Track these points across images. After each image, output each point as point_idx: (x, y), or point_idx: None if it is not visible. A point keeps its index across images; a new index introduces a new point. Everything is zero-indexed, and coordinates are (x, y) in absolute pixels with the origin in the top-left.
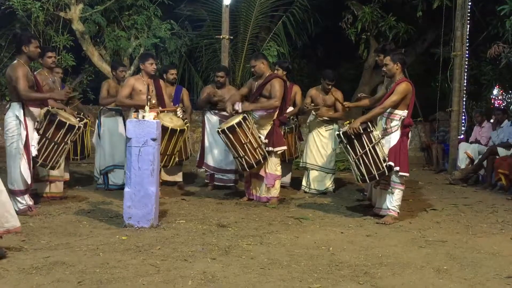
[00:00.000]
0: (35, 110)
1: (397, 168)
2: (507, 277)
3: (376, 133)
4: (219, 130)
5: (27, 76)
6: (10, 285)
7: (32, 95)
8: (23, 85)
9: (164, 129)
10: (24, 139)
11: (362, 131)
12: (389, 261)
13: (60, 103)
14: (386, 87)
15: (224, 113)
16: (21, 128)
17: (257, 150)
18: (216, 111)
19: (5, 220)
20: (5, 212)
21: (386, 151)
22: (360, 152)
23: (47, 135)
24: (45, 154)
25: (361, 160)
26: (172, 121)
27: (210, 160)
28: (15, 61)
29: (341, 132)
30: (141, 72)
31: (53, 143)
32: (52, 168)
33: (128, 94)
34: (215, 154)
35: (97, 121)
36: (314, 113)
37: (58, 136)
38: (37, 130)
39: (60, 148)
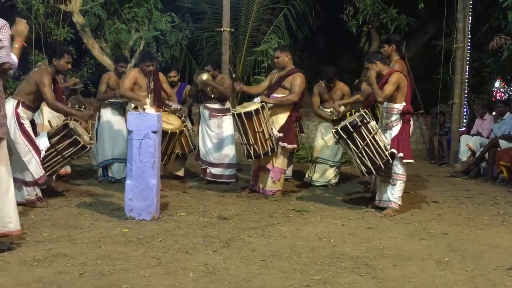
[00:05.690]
0: (28, 112)
1: (401, 154)
2: (508, 269)
3: (373, 123)
4: (235, 113)
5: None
6: (12, 277)
7: (59, 107)
8: (50, 94)
9: (163, 132)
10: (20, 134)
11: (360, 124)
12: (390, 253)
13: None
14: None
15: (212, 105)
16: (16, 123)
17: (267, 141)
18: (206, 105)
19: (9, 219)
20: (11, 210)
21: (388, 140)
22: (361, 144)
23: (57, 147)
24: (48, 163)
25: (363, 152)
26: (170, 122)
27: (201, 154)
28: (44, 67)
29: (339, 128)
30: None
31: (60, 156)
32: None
33: (130, 86)
34: (206, 147)
35: (97, 114)
36: (333, 113)
37: (68, 151)
38: (49, 138)
39: (64, 161)
